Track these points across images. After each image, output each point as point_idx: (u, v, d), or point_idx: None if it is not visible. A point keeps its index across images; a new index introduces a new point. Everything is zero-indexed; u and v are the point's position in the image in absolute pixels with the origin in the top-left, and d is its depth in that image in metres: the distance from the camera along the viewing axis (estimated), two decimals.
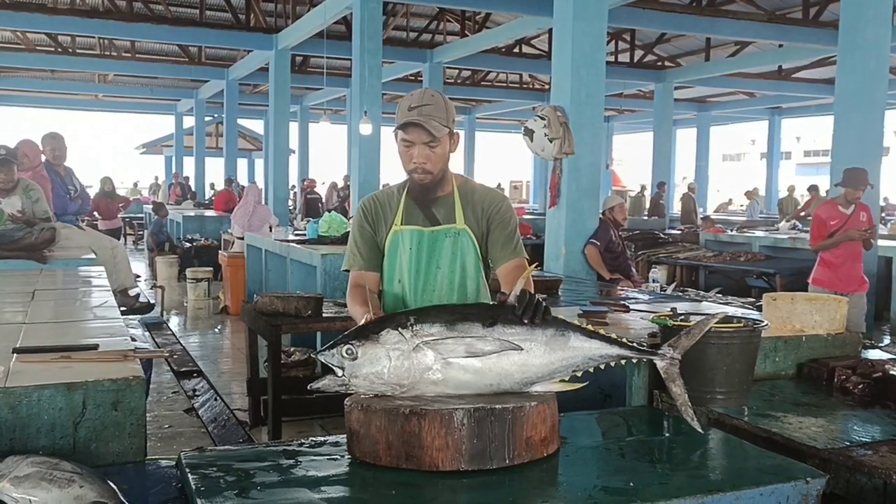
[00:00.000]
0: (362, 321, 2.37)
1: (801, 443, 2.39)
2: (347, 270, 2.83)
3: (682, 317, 2.94)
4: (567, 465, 2.18)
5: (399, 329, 2.18)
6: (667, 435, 2.62)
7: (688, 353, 2.76)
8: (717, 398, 2.76)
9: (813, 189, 17.05)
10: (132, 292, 5.66)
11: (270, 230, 10.14)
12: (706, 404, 2.75)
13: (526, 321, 2.19)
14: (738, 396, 2.79)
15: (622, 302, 4.25)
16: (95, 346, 2.61)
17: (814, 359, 3.22)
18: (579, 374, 2.27)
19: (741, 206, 29.00)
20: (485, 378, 2.19)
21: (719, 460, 2.37)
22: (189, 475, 2.03)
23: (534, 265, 2.67)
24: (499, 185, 27.93)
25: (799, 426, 2.57)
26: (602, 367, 2.30)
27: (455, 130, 2.65)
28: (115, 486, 1.92)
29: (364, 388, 2.19)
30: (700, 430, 2.36)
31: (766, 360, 3.14)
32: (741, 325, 2.83)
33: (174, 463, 2.23)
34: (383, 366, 2.16)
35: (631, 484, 1.99)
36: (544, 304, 2.25)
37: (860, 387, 2.96)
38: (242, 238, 10.19)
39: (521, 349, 2.18)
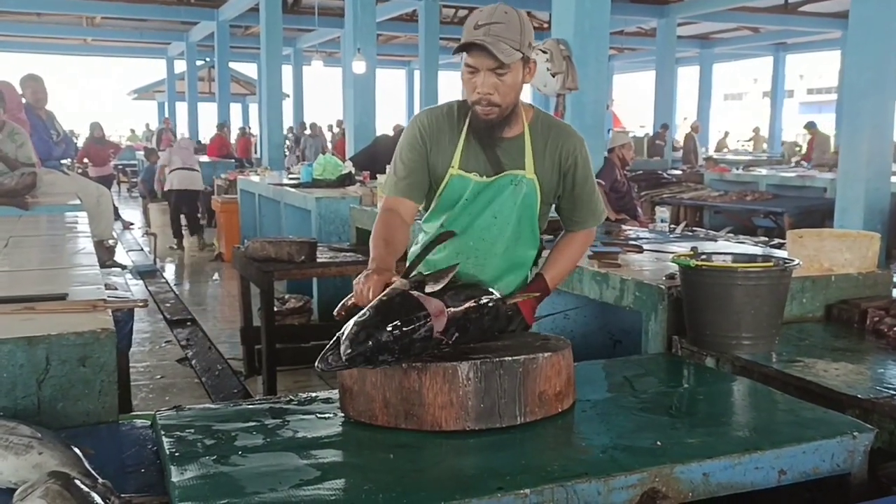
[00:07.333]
0: (363, 276, 1.99)
1: (841, 392, 2.17)
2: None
3: (704, 256, 2.71)
4: (584, 422, 1.97)
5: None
6: (688, 385, 2.41)
7: (712, 294, 2.56)
8: (743, 344, 2.54)
9: (811, 126, 16.53)
10: (110, 242, 5.42)
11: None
12: (731, 350, 2.53)
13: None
14: (766, 342, 2.57)
15: (633, 242, 4.01)
16: (63, 296, 2.39)
17: (844, 300, 3.00)
18: None
19: (741, 143, 28.50)
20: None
21: (751, 413, 2.16)
22: (164, 438, 1.82)
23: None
24: None
25: (835, 373, 2.35)
26: None
27: (532, 56, 2.19)
28: (79, 452, 1.71)
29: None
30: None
31: (793, 302, 2.90)
32: (770, 264, 2.59)
33: (150, 423, 2.03)
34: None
35: (658, 443, 1.78)
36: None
37: (895, 329, 2.74)
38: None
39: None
